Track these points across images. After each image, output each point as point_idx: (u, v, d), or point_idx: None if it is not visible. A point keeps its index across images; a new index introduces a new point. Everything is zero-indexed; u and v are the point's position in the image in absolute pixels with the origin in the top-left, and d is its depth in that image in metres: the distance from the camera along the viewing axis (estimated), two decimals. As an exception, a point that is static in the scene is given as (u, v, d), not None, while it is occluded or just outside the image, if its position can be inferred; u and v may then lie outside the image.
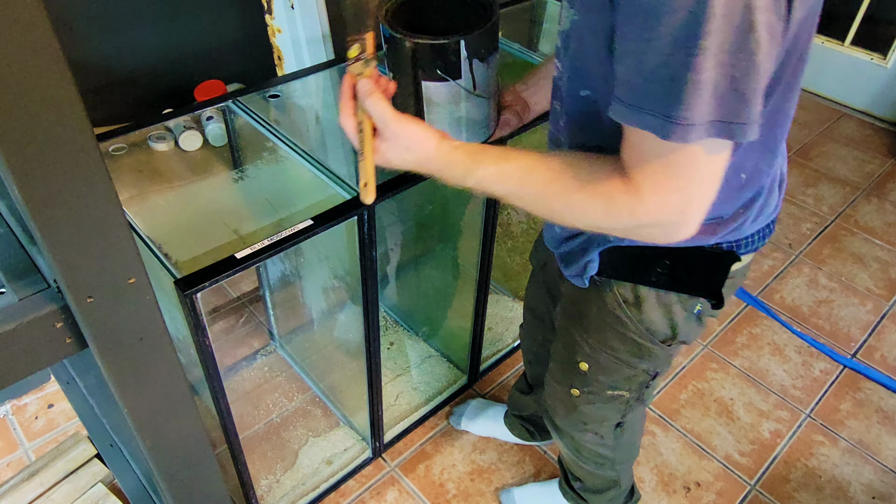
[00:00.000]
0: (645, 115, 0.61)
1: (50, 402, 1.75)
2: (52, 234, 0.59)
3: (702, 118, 0.59)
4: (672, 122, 0.59)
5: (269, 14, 1.62)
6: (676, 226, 0.68)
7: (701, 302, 0.92)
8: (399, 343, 1.89)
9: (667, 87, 0.59)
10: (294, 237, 1.01)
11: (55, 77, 0.52)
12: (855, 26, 2.97)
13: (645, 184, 0.66)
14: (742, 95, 0.59)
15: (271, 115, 1.29)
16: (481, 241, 1.44)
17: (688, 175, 0.65)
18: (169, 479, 0.92)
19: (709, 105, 0.59)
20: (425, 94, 0.96)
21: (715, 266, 0.88)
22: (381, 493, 1.57)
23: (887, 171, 2.75)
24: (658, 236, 0.71)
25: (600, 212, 0.70)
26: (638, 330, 0.94)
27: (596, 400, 1.09)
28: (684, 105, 0.58)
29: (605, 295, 0.94)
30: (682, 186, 0.65)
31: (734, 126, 0.60)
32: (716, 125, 0.60)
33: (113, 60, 1.70)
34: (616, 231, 0.73)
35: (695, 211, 0.67)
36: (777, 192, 0.88)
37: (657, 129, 0.61)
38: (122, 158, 1.17)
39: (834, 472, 1.67)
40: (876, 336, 2.03)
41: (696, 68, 0.57)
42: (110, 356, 0.71)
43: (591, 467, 1.27)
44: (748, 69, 0.58)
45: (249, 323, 1.93)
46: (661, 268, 0.88)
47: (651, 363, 1.00)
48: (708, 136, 0.60)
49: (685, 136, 0.60)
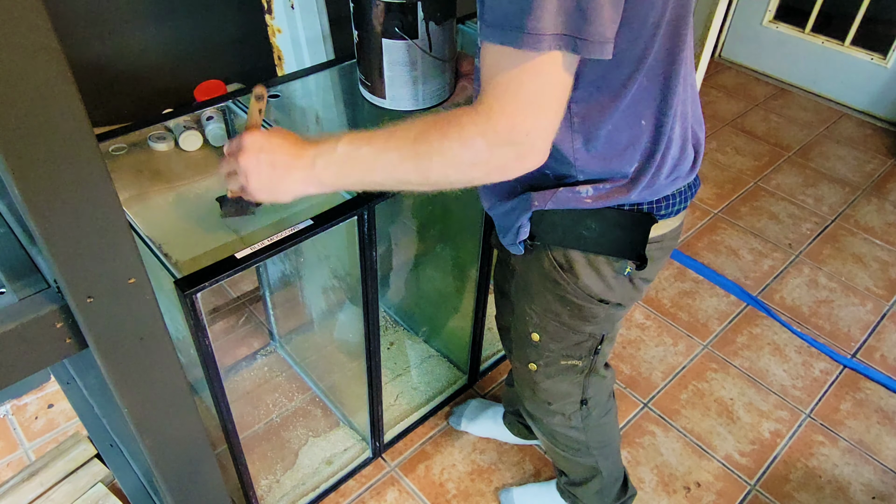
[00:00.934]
0: (502, 30, 0.66)
1: (50, 402, 1.75)
2: (52, 234, 0.59)
3: (550, 30, 0.65)
4: (524, 32, 0.65)
5: (269, 14, 1.62)
6: (528, 147, 0.72)
7: (629, 264, 0.95)
8: (399, 343, 1.89)
9: (519, 1, 0.64)
10: (294, 237, 1.01)
11: (55, 77, 0.52)
12: (855, 26, 2.97)
13: (493, 102, 0.70)
14: (584, 13, 0.65)
15: (271, 115, 1.29)
16: (481, 241, 1.44)
17: (535, 90, 0.69)
18: (169, 479, 0.92)
19: (555, 18, 0.65)
20: (385, 50, 1.05)
21: (635, 228, 0.92)
22: (381, 493, 1.57)
23: (887, 171, 2.75)
24: (511, 161, 0.73)
25: (453, 140, 0.73)
26: (575, 291, 0.98)
27: (552, 372, 1.13)
28: (533, 16, 0.64)
29: (543, 261, 0.99)
30: (530, 102, 0.70)
31: (579, 42, 0.66)
32: (562, 38, 0.66)
33: (113, 60, 1.70)
34: (475, 165, 0.74)
35: (540, 129, 0.71)
36: (691, 152, 0.92)
37: (511, 40, 0.66)
38: (122, 158, 1.17)
39: (834, 472, 1.67)
40: (876, 336, 2.03)
41: None
42: (110, 356, 0.71)
43: (567, 454, 1.30)
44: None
45: (249, 323, 1.93)
46: (587, 231, 0.92)
47: (595, 326, 1.04)
48: (556, 47, 0.66)
49: (536, 44, 0.65)
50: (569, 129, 0.83)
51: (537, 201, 0.91)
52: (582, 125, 0.82)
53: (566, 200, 0.90)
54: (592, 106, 0.81)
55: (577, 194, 0.89)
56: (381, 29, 1.02)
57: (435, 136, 0.74)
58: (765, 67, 3.33)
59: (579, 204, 0.89)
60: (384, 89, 1.10)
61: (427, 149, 0.75)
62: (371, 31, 1.03)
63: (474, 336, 1.66)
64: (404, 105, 1.12)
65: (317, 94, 1.45)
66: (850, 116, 3.08)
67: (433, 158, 0.75)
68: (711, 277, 2.20)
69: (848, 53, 3.03)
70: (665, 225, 0.95)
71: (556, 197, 0.90)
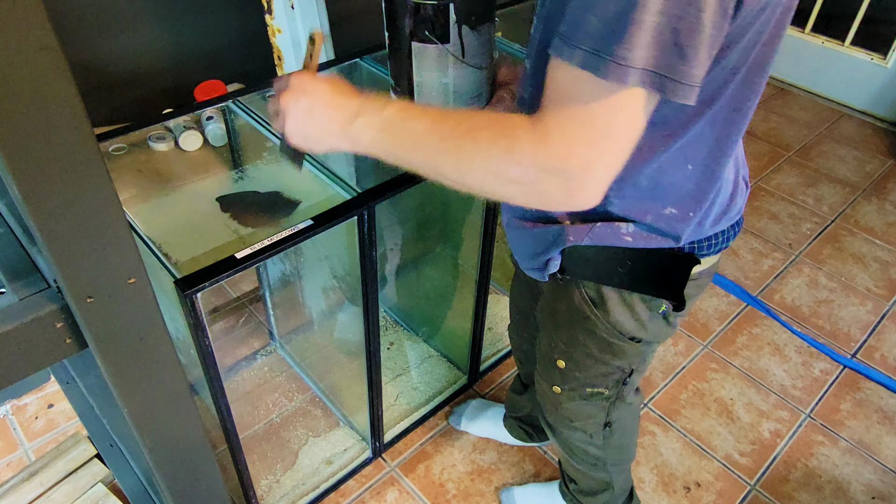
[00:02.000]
0: (584, 52, 0.60)
1: (50, 402, 1.75)
2: (52, 234, 0.59)
3: (639, 62, 0.58)
4: (610, 59, 0.58)
5: (269, 14, 1.62)
6: (578, 181, 0.64)
7: (665, 303, 0.92)
8: (399, 343, 1.89)
9: (611, 23, 0.58)
10: (294, 237, 1.01)
11: (55, 77, 0.52)
12: (855, 26, 2.97)
13: (555, 126, 0.63)
14: (682, 51, 0.58)
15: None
16: (481, 241, 1.44)
17: (603, 127, 0.62)
18: (169, 479, 0.92)
19: (648, 51, 0.58)
20: (415, 54, 0.97)
21: (675, 268, 0.87)
22: (381, 493, 1.57)
23: (887, 171, 2.75)
24: (557, 193, 0.66)
25: (502, 149, 0.66)
26: (606, 328, 0.94)
27: (576, 397, 1.10)
28: (626, 44, 0.57)
29: (572, 293, 0.95)
30: (594, 139, 0.63)
31: (667, 81, 0.59)
32: (650, 74, 0.59)
33: (113, 60, 1.70)
34: (516, 184, 0.67)
35: (599, 169, 0.64)
36: (740, 196, 0.89)
37: (593, 66, 0.59)
38: (122, 158, 1.17)
39: (834, 472, 1.67)
40: (876, 336, 2.03)
41: (642, 8, 0.56)
42: (110, 356, 0.71)
43: (583, 467, 1.27)
44: (692, 27, 0.57)
45: (249, 323, 1.93)
46: (622, 268, 0.87)
47: (624, 361, 1.01)
48: (641, 82, 0.59)
49: (622, 77, 0.58)
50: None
51: (573, 236, 0.86)
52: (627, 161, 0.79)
53: (604, 237, 0.85)
54: (641, 143, 0.75)
55: (617, 231, 0.84)
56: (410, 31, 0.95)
57: (485, 137, 0.68)
58: (765, 67, 3.33)
59: (618, 241, 0.85)
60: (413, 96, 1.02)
61: (472, 148, 0.68)
62: (401, 33, 0.96)
63: (474, 336, 1.66)
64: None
65: (317, 94, 1.45)
66: (850, 116, 3.08)
67: (475, 160, 0.68)
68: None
69: (848, 53, 3.03)
70: (705, 262, 0.90)
71: (594, 232, 0.84)
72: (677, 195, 0.81)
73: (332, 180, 1.14)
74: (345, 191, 1.11)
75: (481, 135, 0.68)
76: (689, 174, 0.79)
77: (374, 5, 2.02)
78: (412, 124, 0.72)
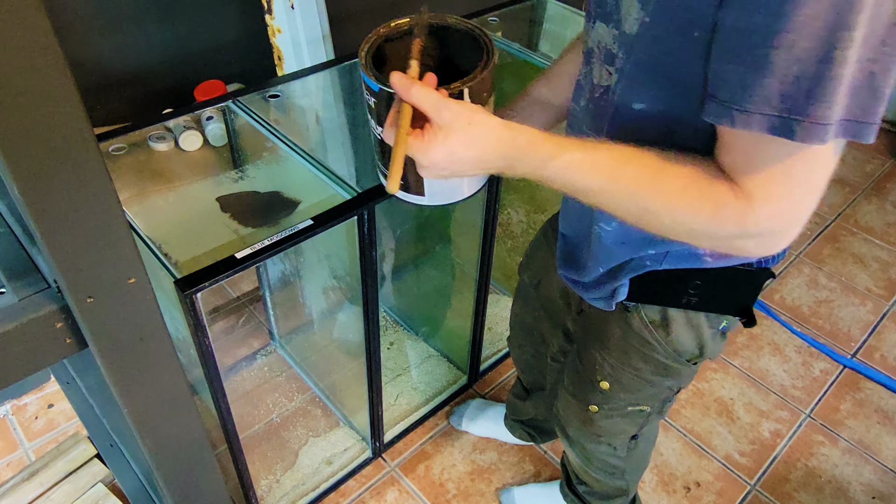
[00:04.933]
0: (767, 117, 0.56)
1: (50, 402, 1.75)
2: (52, 234, 0.59)
3: (836, 116, 0.54)
4: (806, 122, 0.54)
5: (269, 14, 1.62)
6: (780, 236, 0.63)
7: (727, 318, 0.90)
8: (399, 343, 1.89)
9: (803, 85, 0.53)
10: (294, 237, 1.01)
11: (55, 77, 0.52)
12: (855, 26, 2.96)
13: (757, 191, 0.60)
14: (877, 93, 0.54)
15: (271, 115, 1.29)
16: (481, 241, 1.44)
17: (803, 181, 0.60)
18: (169, 479, 0.92)
19: (844, 101, 0.54)
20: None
21: (748, 283, 0.84)
22: (381, 493, 1.57)
23: (887, 171, 2.75)
24: (753, 248, 0.65)
25: (705, 217, 0.63)
26: (665, 351, 0.91)
27: (615, 415, 1.06)
28: (824, 104, 0.53)
29: (631, 317, 0.91)
30: (796, 194, 0.60)
31: (863, 126, 0.56)
32: (845, 124, 0.55)
33: (113, 60, 1.70)
34: (709, 239, 0.66)
35: (801, 220, 0.62)
36: None
37: (786, 132, 0.55)
38: (122, 158, 1.17)
39: (834, 472, 1.67)
40: (876, 336, 2.03)
41: (841, 63, 0.52)
42: (110, 356, 0.71)
43: (600, 476, 1.24)
44: (889, 65, 0.54)
45: (249, 323, 1.93)
46: (693, 289, 0.84)
47: (676, 381, 0.99)
48: (838, 135, 0.55)
49: (822, 136, 0.54)
50: None
51: (649, 262, 0.82)
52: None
53: (682, 259, 0.81)
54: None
55: (696, 252, 0.80)
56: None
57: (683, 199, 0.63)
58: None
59: (697, 263, 0.81)
60: (422, 186, 0.87)
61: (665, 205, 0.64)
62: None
63: (474, 336, 1.66)
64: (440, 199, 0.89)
65: (317, 94, 1.45)
66: (850, 116, 3.08)
67: (672, 215, 0.64)
68: (711, 277, 2.20)
69: (848, 53, 3.02)
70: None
71: (671, 256, 0.81)
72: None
73: (332, 180, 1.14)
74: (345, 191, 1.11)
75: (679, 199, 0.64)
76: None
77: (375, 5, 2.02)
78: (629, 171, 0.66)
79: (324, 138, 1.39)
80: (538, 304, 1.19)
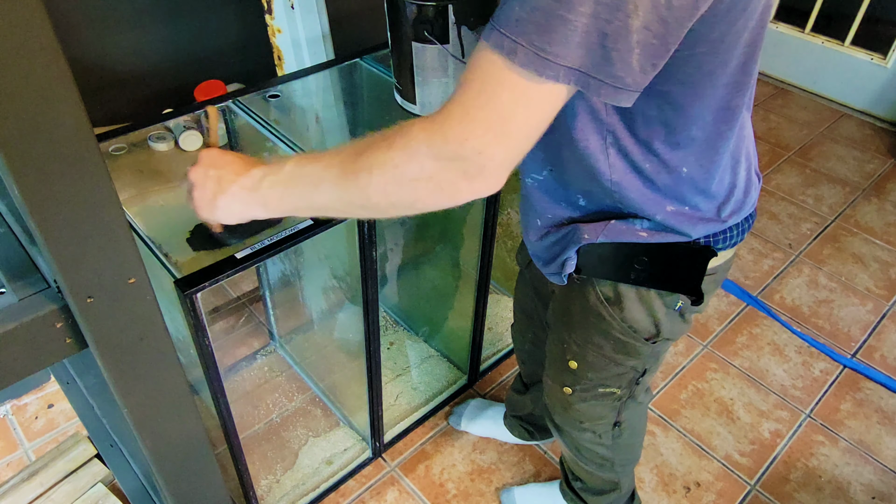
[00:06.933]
0: (502, 35, 0.58)
1: (50, 402, 1.75)
2: (52, 234, 0.59)
3: (568, 61, 0.58)
4: (530, 49, 0.57)
5: (269, 14, 1.62)
6: (475, 166, 0.62)
7: (682, 298, 0.92)
8: (399, 343, 1.89)
9: (536, 17, 0.57)
10: (294, 237, 1.01)
11: (55, 77, 0.52)
12: (855, 26, 2.97)
13: (456, 108, 0.61)
14: (608, 55, 0.58)
15: (271, 115, 1.29)
16: (481, 241, 1.44)
17: (509, 111, 0.60)
18: (169, 479, 0.92)
19: (577, 51, 0.57)
20: (415, 55, 0.99)
21: (693, 261, 0.87)
22: (381, 493, 1.57)
23: (887, 171, 2.75)
24: (459, 179, 0.63)
25: (398, 153, 0.64)
26: (621, 328, 0.94)
27: (588, 397, 1.10)
28: (551, 39, 0.57)
29: (588, 293, 0.94)
30: (497, 120, 0.60)
31: (595, 82, 0.59)
32: (576, 74, 0.58)
33: (113, 60, 1.70)
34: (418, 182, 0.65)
35: (496, 157, 0.62)
36: (753, 189, 0.90)
37: (509, 52, 0.58)
38: (122, 158, 1.17)
39: (834, 472, 1.67)
40: (876, 336, 2.03)
41: (570, 8, 0.56)
42: (110, 356, 0.71)
43: (591, 468, 1.27)
44: (619, 32, 0.57)
45: (249, 323, 1.93)
46: (640, 265, 0.87)
47: (638, 360, 1.01)
48: (567, 81, 0.59)
49: (540, 69, 0.58)
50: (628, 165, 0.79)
51: (587, 234, 0.86)
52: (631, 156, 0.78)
53: (619, 233, 0.85)
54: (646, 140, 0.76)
55: (632, 226, 0.84)
56: (411, 32, 0.97)
57: (381, 147, 0.66)
58: (765, 67, 3.33)
59: (633, 238, 0.85)
60: (415, 94, 1.04)
61: (369, 161, 0.66)
62: (402, 33, 0.99)
63: (474, 336, 1.66)
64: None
65: (317, 94, 1.45)
66: (850, 116, 3.08)
67: (373, 171, 0.66)
68: (711, 277, 2.20)
69: (848, 53, 3.03)
70: (721, 256, 0.90)
71: (609, 229, 0.85)
72: (683, 192, 0.82)
73: (332, 180, 1.14)
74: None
75: (377, 146, 0.66)
76: (690, 172, 0.80)
77: (375, 5, 2.02)
78: (310, 168, 0.72)
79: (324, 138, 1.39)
80: (531, 285, 1.24)
